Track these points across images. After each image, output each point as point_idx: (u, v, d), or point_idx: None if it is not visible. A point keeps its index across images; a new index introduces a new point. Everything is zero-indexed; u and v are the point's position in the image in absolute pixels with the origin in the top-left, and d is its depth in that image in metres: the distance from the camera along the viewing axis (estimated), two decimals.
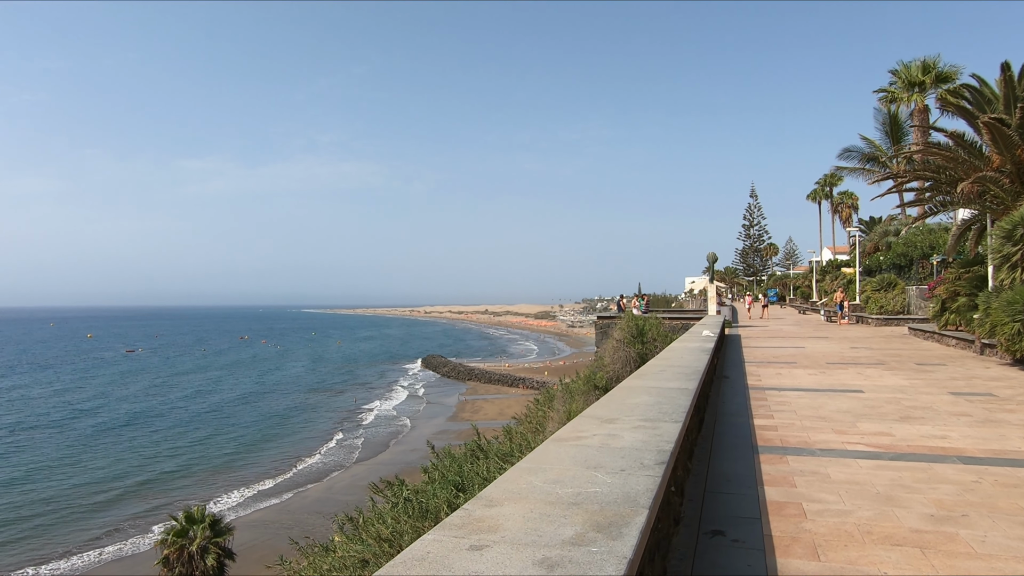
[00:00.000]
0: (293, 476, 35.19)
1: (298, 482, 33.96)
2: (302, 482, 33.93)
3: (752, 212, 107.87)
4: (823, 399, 8.62)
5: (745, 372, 11.84)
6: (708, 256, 29.47)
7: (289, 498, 31.26)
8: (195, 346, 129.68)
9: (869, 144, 45.31)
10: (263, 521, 28.17)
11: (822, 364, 13.26)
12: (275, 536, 25.40)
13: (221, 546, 24.66)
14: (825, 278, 53.67)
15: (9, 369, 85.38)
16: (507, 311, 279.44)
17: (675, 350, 8.65)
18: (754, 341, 20.21)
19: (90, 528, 28.11)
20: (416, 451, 38.10)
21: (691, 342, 9.92)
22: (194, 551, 24.42)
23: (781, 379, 10.82)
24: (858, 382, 10.34)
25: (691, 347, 8.89)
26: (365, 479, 33.21)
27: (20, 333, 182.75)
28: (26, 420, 49.47)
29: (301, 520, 27.27)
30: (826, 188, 70.20)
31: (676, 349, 8.79)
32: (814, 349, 16.97)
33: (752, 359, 14.46)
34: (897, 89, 41.40)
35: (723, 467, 5.21)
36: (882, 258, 38.37)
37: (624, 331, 16.92)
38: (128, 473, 35.57)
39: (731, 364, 13.45)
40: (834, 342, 19.40)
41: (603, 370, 17.34)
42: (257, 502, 30.97)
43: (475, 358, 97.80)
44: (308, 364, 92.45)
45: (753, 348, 17.51)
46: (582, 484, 2.40)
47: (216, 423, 48.79)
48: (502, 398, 58.24)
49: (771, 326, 29.48)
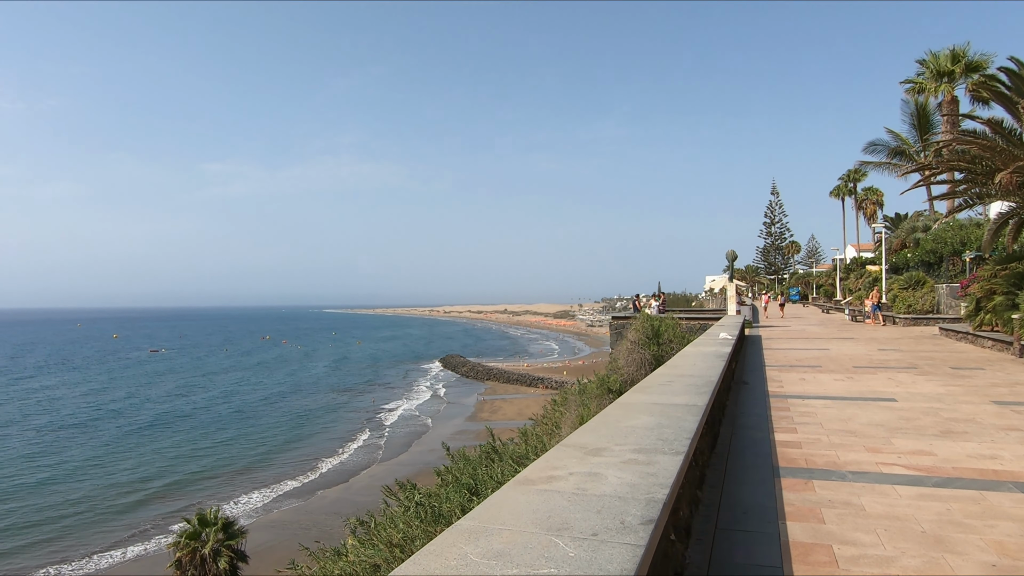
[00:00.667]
0: (313, 477, 35.29)
1: (318, 483, 34.02)
2: (322, 483, 33.99)
3: (773, 209, 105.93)
4: (852, 409, 7.86)
5: (766, 377, 11.07)
6: (727, 254, 28.14)
7: (309, 499, 31.29)
8: (218, 346, 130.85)
9: (895, 137, 43.94)
10: (282, 522, 28.22)
11: (849, 368, 12.42)
12: (293, 537, 25.17)
13: (234, 548, 24.47)
14: (849, 276, 52.45)
15: (39, 369, 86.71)
16: (526, 311, 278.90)
17: (687, 355, 7.94)
18: (776, 342, 19.34)
19: (115, 529, 28.29)
20: (434, 451, 38.03)
21: (706, 346, 9.18)
22: (207, 554, 24.21)
23: (805, 385, 10.04)
24: (890, 389, 9.53)
25: (705, 352, 8.17)
26: (384, 480, 33.04)
27: (50, 334, 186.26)
28: (57, 420, 50.13)
29: (320, 521, 27.21)
30: (849, 184, 68.51)
31: (689, 354, 8.08)
32: (840, 351, 16.09)
33: (774, 362, 13.65)
34: (925, 79, 39.97)
35: (739, 495, 4.53)
36: (909, 255, 37.12)
37: (639, 332, 16.22)
38: (154, 474, 35.84)
39: (751, 368, 12.67)
40: (861, 343, 18.45)
41: (617, 372, 16.68)
42: (278, 503, 31.01)
43: (494, 358, 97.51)
44: (329, 364, 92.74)
45: (775, 350, 16.66)
46: (534, 560, 1.76)
47: (240, 424, 49.09)
48: (521, 398, 57.82)
49: (793, 326, 28.52)
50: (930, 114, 41.04)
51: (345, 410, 54.79)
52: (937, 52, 38.99)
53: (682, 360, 7.39)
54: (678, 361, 7.36)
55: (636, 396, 4.63)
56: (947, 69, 37.87)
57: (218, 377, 76.78)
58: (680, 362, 7.23)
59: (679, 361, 7.36)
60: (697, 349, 8.74)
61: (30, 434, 45.12)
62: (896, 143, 43.40)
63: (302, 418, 51.24)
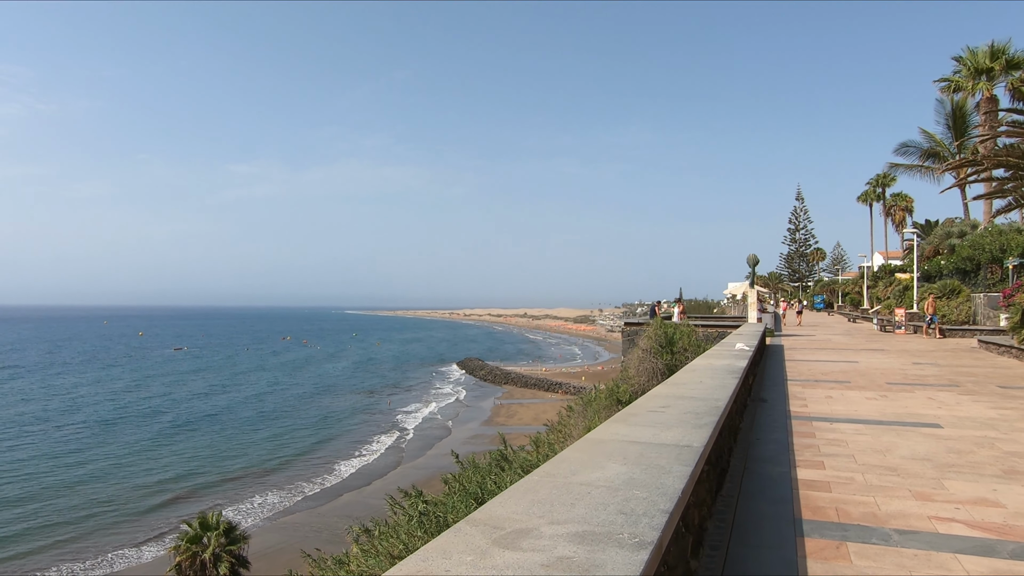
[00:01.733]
0: (329, 479, 35.29)
1: (334, 485, 34.00)
2: (337, 485, 33.98)
3: (798, 215, 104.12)
4: (890, 437, 6.68)
5: (787, 393, 9.87)
6: (748, 258, 26.73)
7: (324, 502, 31.18)
8: (240, 346, 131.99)
9: (929, 138, 42.06)
10: (295, 524, 28.12)
11: (881, 384, 11.14)
12: (304, 539, 25.12)
13: (235, 554, 23.84)
14: (878, 284, 50.79)
15: (68, 367, 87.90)
16: (546, 315, 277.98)
17: (696, 370, 6.82)
18: (799, 353, 18.06)
19: (133, 530, 28.28)
20: (449, 456, 37.58)
21: (719, 358, 8.03)
22: (207, 559, 23.57)
23: (832, 405, 8.84)
24: (932, 411, 8.30)
25: (717, 366, 7.04)
26: (397, 483, 32.62)
27: (80, 330, 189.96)
28: (83, 419, 50.55)
29: (332, 524, 26.94)
30: (878, 189, 66.51)
31: (697, 368, 6.96)
32: (870, 364, 14.74)
33: (796, 376, 12.41)
34: (961, 78, 37.76)
35: (748, 564, 3.44)
36: (943, 262, 35.38)
37: (651, 340, 15.01)
38: (175, 475, 35.92)
39: (770, 382, 11.49)
40: (892, 356, 17.06)
41: (628, 382, 15.59)
42: (293, 505, 30.90)
43: (513, 362, 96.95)
44: (348, 365, 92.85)
45: (798, 362, 15.39)
46: None
47: (259, 425, 49.31)
48: (538, 403, 57.10)
49: (818, 336, 27.19)
50: (967, 114, 39.11)
51: (363, 412, 54.83)
52: (975, 48, 36.98)
53: (688, 376, 6.28)
54: (683, 377, 6.25)
55: (613, 428, 3.55)
56: (986, 66, 35.77)
57: (239, 377, 77.29)
58: (685, 378, 6.13)
59: (684, 377, 6.25)
60: (708, 362, 7.60)
61: (58, 432, 45.58)
62: (929, 144, 41.44)
63: (320, 420, 51.31)
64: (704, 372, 6.51)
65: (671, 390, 5.23)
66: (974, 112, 37.57)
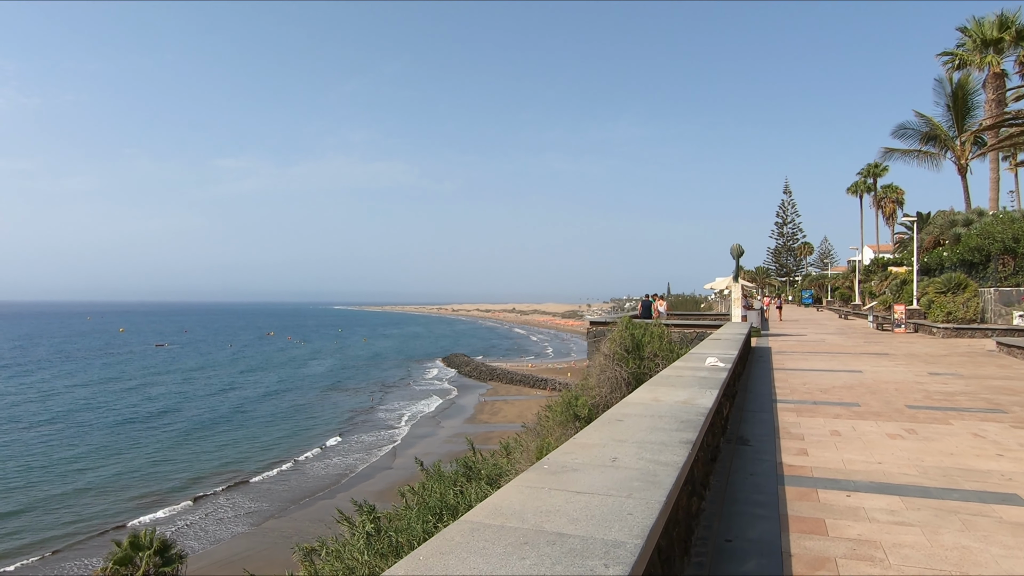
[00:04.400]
0: (303, 480, 33.73)
1: (308, 487, 32.46)
2: (311, 487, 32.44)
3: (785, 209, 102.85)
4: (954, 530, 3.98)
5: (776, 427, 7.26)
6: (732, 249, 23.94)
7: (297, 505, 29.64)
8: (222, 342, 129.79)
9: (926, 122, 39.54)
10: (265, 530, 26.60)
11: (900, 408, 8.52)
12: (273, 546, 24.11)
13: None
14: (871, 278, 48.59)
15: (39, 364, 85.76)
16: (534, 310, 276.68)
17: (632, 406, 4.02)
18: (790, 358, 15.57)
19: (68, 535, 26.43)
20: (430, 455, 37.11)
21: (672, 389, 5.24)
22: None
23: (843, 449, 6.14)
24: (993, 464, 5.56)
25: (669, 404, 4.32)
26: (374, 486, 31.55)
27: (61, 327, 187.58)
28: (46, 418, 48.33)
29: (303, 529, 25.42)
30: (869, 180, 64.29)
31: (636, 405, 4.05)
32: (877, 375, 12.20)
33: (788, 393, 9.87)
34: (966, 51, 34.93)
35: None
36: (945, 254, 33.01)
37: (614, 344, 12.58)
38: (136, 474, 34.19)
39: (754, 404, 8.92)
40: (901, 362, 14.56)
41: (588, 392, 13.16)
42: (262, 509, 29.21)
43: (499, 357, 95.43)
44: (330, 362, 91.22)
45: (789, 371, 12.81)
46: None
47: (232, 423, 47.57)
48: (523, 399, 55.59)
49: (810, 334, 25.01)
50: (969, 94, 36.11)
51: (342, 410, 53.05)
52: (981, 19, 34.09)
53: (611, 429, 3.50)
54: (623, 411, 3.72)
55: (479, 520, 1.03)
56: (994, 37, 32.85)
57: (217, 374, 75.50)
58: (607, 432, 3.39)
59: (607, 430, 3.45)
60: (654, 395, 4.76)
61: (16, 432, 43.31)
62: (928, 127, 38.85)
63: (296, 418, 49.51)
64: (644, 414, 3.80)
65: (600, 438, 3.10)
66: (979, 90, 34.93)
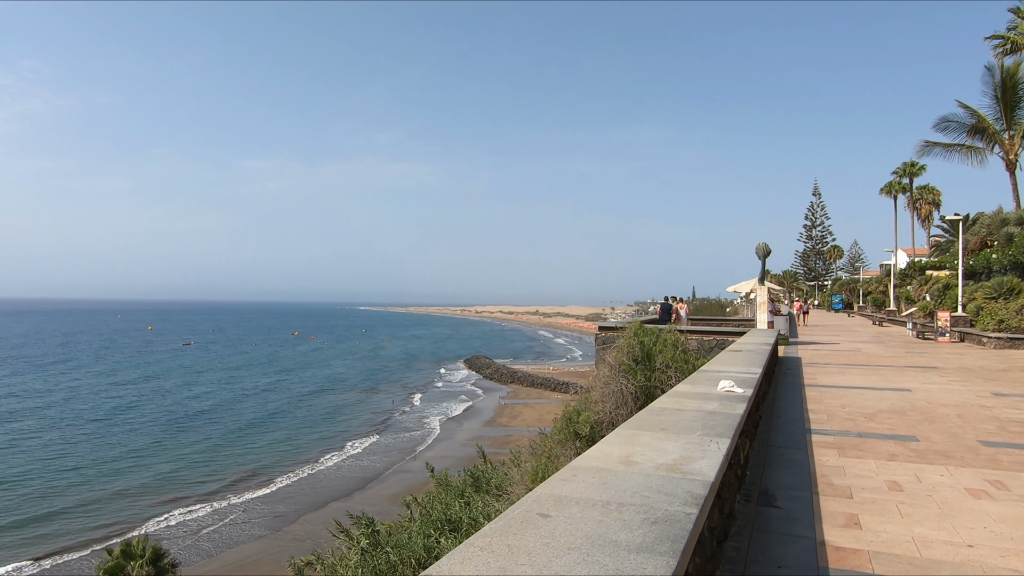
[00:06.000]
0: (318, 481, 33.80)
1: (322, 488, 32.52)
2: (325, 488, 32.47)
3: (815, 211, 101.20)
4: None
5: (812, 476, 5.65)
6: (757, 248, 22.15)
7: (311, 507, 29.62)
8: (248, 341, 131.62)
9: (971, 114, 36.67)
10: (280, 532, 26.65)
11: (972, 445, 6.87)
12: (284, 549, 23.60)
13: None
14: (909, 283, 46.46)
15: (68, 362, 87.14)
16: (557, 312, 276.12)
17: (591, 472, 3.01)
18: (823, 372, 13.94)
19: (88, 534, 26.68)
20: (446, 458, 36.84)
21: (667, 435, 3.83)
22: None
23: (911, 518, 4.48)
24: None
25: (650, 464, 3.17)
26: (389, 489, 31.79)
27: (96, 324, 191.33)
28: (69, 417, 49.11)
29: (315, 532, 25.09)
30: (904, 180, 61.52)
31: (601, 467, 3.08)
32: (930, 394, 10.62)
33: (824, 421, 8.36)
34: (1018, 35, 32.42)
35: None
36: (995, 256, 30.58)
37: (621, 353, 11.56)
38: (160, 474, 34.60)
39: (782, 437, 7.46)
40: (954, 378, 12.97)
41: (591, 408, 11.72)
42: (279, 512, 29.24)
43: (521, 360, 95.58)
44: (353, 362, 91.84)
45: (824, 389, 11.27)
46: None
47: (255, 423, 47.97)
48: (543, 403, 55.64)
49: (843, 342, 23.46)
50: (1020, 82, 33.55)
51: (362, 411, 53.37)
52: None
53: (521, 540, 2.11)
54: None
55: None
56: None
57: (237, 374, 76.11)
58: (502, 557, 1.97)
59: (506, 550, 2.02)
60: (627, 449, 3.48)
61: (38, 429, 44.28)
62: (973, 120, 36.28)
63: (315, 419, 49.84)
64: (569, 531, 2.14)
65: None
66: None
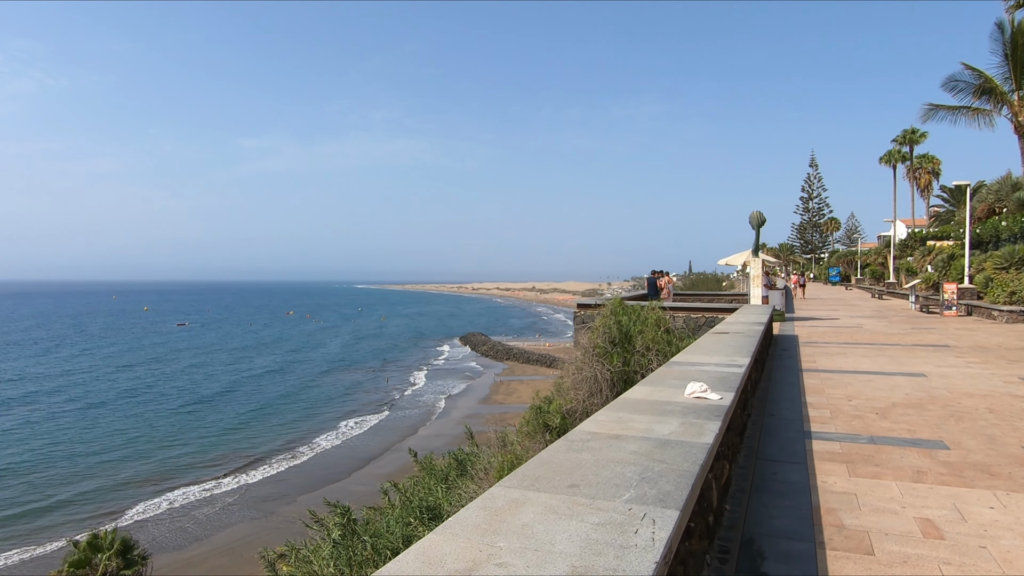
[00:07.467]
0: (311, 461, 33.52)
1: (315, 469, 32.15)
2: (318, 469, 32.12)
3: (812, 183, 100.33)
4: None
5: (814, 513, 4.10)
6: (751, 217, 20.24)
7: (302, 488, 29.26)
8: (243, 321, 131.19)
9: (977, 75, 36.32)
10: (270, 514, 26.27)
11: (1018, 454, 5.46)
12: (275, 531, 23.26)
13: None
14: (912, 254, 45.15)
15: (54, 342, 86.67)
16: (554, 288, 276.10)
17: None
18: (823, 353, 12.52)
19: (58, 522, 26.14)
20: (441, 436, 36.56)
21: (584, 500, 2.16)
22: None
23: None
24: None
25: (547, 550, 1.79)
26: (386, 468, 31.39)
27: (90, 305, 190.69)
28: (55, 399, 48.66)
29: (306, 515, 24.99)
30: (904, 148, 59.97)
31: None
32: (948, 379, 9.36)
33: (827, 420, 6.87)
34: None
35: None
36: (1004, 223, 29.13)
37: (596, 334, 10.51)
38: (172, 456, 34.20)
39: (774, 445, 5.93)
40: (971, 358, 11.68)
41: (563, 395, 10.79)
42: (267, 492, 28.89)
43: (516, 336, 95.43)
44: (348, 341, 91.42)
45: (824, 376, 9.75)
46: None
47: (245, 402, 47.59)
48: (539, 379, 55.48)
49: (843, 318, 21.86)
50: None
51: (357, 390, 53.01)
52: None
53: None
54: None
55: None
56: None
57: (231, 355, 75.74)
58: None
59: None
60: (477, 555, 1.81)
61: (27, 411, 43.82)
62: (979, 81, 35.57)
63: (308, 398, 49.44)
64: None
65: None
66: None
